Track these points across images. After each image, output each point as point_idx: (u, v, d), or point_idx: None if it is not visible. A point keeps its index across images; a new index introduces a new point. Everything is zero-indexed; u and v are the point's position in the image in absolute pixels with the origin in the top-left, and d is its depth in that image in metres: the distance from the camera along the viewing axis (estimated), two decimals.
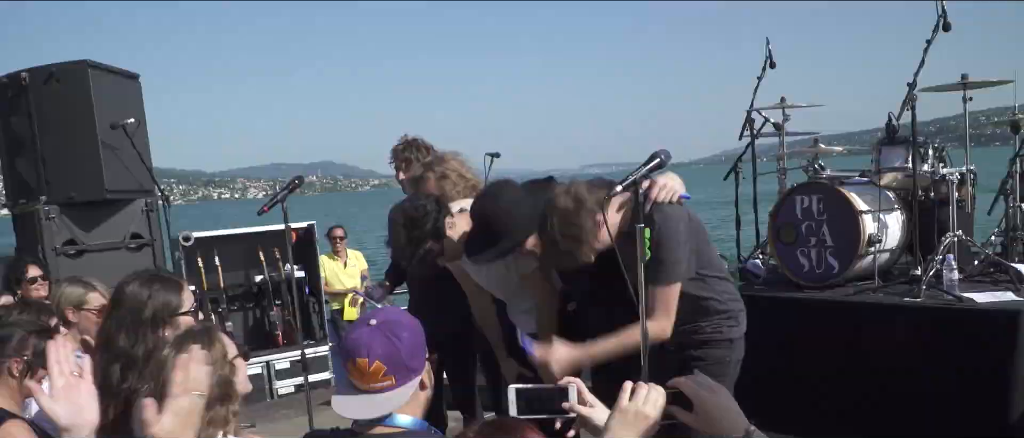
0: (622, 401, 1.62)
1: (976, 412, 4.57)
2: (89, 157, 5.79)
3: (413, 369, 1.98)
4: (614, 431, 1.61)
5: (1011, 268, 5.14)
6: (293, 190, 4.31)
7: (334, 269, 9.22)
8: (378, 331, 1.95)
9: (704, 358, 3.21)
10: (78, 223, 5.99)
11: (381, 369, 1.93)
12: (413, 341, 1.99)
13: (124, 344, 2.49)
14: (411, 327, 2.01)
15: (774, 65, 6.44)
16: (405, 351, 1.96)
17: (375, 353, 1.93)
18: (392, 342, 1.94)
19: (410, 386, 1.98)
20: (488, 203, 3.30)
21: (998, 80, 5.56)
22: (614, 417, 1.62)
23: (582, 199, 2.82)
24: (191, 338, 2.22)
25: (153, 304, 2.55)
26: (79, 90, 5.75)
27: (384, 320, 1.98)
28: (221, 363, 2.22)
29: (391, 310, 2.15)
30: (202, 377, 1.64)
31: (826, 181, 5.49)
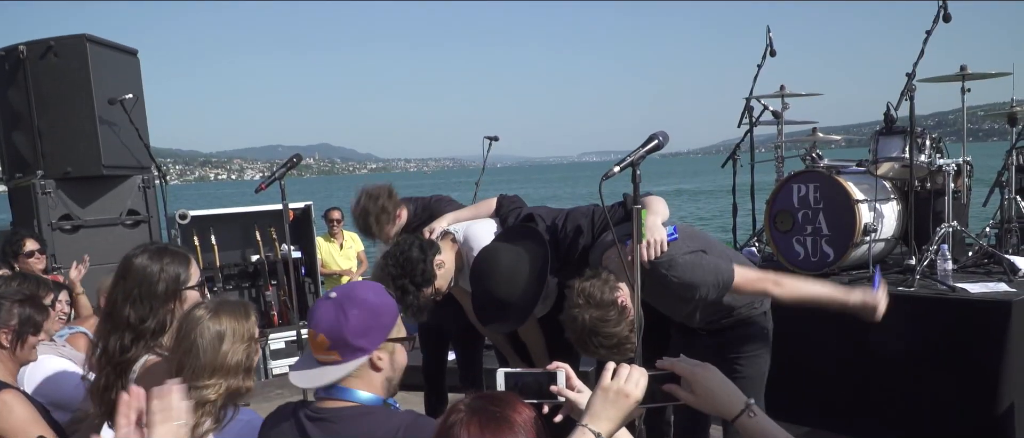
0: (604, 380, 1.63)
1: (968, 401, 4.61)
2: (86, 132, 5.79)
3: (358, 348, 1.93)
4: (595, 409, 1.61)
5: (1005, 259, 5.17)
6: (291, 169, 4.31)
7: (330, 250, 9.22)
8: (332, 305, 1.93)
9: (744, 334, 3.35)
10: (74, 198, 5.99)
11: (325, 342, 1.91)
12: (363, 320, 1.93)
13: (131, 316, 2.51)
14: (367, 305, 1.95)
15: (774, 53, 6.44)
16: (350, 329, 1.91)
17: (321, 325, 1.91)
18: (338, 318, 1.90)
19: (355, 363, 1.94)
20: (486, 283, 3.29)
21: (996, 72, 5.57)
22: (596, 395, 1.63)
23: (600, 302, 2.83)
24: (228, 308, 2.27)
25: (165, 277, 2.57)
26: (77, 64, 5.74)
27: (343, 295, 1.95)
28: (250, 339, 2.27)
29: (363, 287, 2.02)
30: (182, 407, 1.65)
31: (823, 170, 5.51)
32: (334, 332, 1.90)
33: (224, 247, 7.88)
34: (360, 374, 1.95)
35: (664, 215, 3.13)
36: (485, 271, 3.33)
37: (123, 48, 6.29)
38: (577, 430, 1.57)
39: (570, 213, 3.60)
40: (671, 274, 2.99)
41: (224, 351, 2.21)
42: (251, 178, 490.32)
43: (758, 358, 3.42)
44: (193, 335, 2.21)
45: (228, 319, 2.25)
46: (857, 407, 5.07)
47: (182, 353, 2.21)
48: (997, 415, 4.51)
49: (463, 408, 1.59)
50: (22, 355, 2.73)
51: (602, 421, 1.59)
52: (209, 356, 2.19)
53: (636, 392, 1.61)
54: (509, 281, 3.26)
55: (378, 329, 1.96)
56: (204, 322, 2.22)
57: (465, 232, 3.64)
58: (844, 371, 5.10)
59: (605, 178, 2.48)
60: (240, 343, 2.25)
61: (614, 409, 1.60)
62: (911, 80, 4.98)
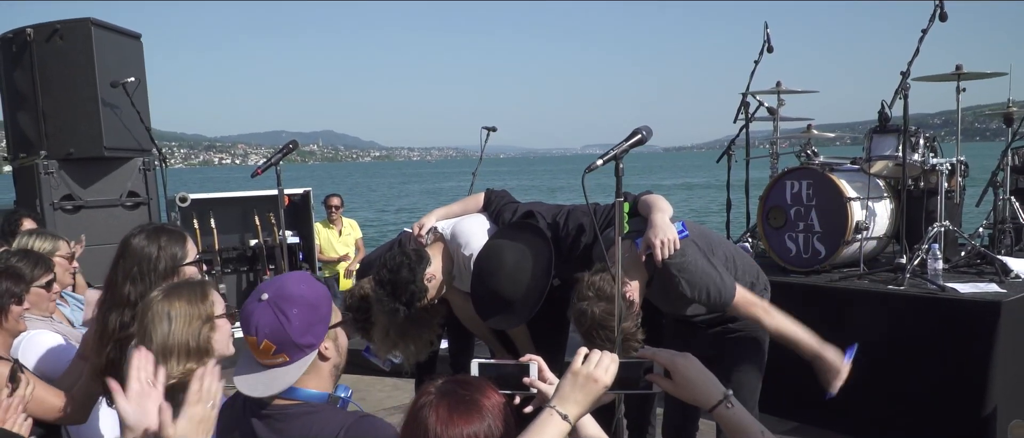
0: (575, 364, 1.66)
1: (954, 401, 4.64)
2: (89, 114, 5.85)
3: (305, 345, 1.91)
4: (564, 392, 1.64)
5: (997, 260, 5.19)
6: (287, 154, 4.36)
7: (329, 237, 9.28)
8: (268, 307, 1.87)
9: (741, 329, 3.40)
10: (76, 179, 6.06)
11: (271, 347, 1.87)
12: (305, 318, 1.90)
13: (131, 293, 2.57)
14: (305, 302, 1.91)
15: (772, 49, 6.46)
16: (294, 329, 1.87)
17: (263, 332, 1.87)
18: (279, 320, 1.86)
19: (305, 361, 1.92)
20: (490, 281, 3.29)
21: (992, 72, 5.59)
22: (565, 379, 1.66)
23: (609, 295, 2.85)
24: (184, 289, 2.27)
25: (164, 256, 2.63)
26: (81, 47, 5.80)
27: (276, 295, 1.89)
28: (203, 320, 2.24)
29: (292, 280, 1.96)
30: (217, 389, 1.71)
31: (816, 167, 5.54)
32: (278, 335, 1.87)
33: (223, 230, 7.93)
34: (310, 369, 1.94)
35: (669, 212, 3.16)
36: (489, 269, 3.32)
37: (127, 32, 6.34)
38: (544, 412, 1.60)
39: (571, 211, 3.61)
40: (681, 276, 3.04)
41: (175, 332, 2.17)
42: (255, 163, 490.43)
43: (756, 353, 3.49)
44: (146, 318, 2.19)
45: (180, 301, 2.21)
46: (844, 404, 5.09)
47: (139, 338, 2.20)
48: (982, 416, 4.55)
49: (433, 391, 1.63)
50: (9, 326, 2.78)
51: (570, 404, 1.62)
52: (160, 339, 2.16)
53: (605, 378, 1.64)
54: (513, 279, 3.27)
55: (319, 321, 1.94)
56: (155, 304, 2.19)
57: (453, 229, 3.62)
58: None
59: (588, 171, 2.51)
60: (194, 323, 2.20)
61: (582, 393, 1.63)
62: (905, 79, 5.01)
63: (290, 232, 8.18)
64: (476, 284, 3.39)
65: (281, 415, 1.93)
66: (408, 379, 5.09)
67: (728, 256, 3.36)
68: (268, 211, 8.01)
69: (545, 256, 3.31)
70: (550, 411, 1.59)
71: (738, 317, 3.41)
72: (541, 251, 3.33)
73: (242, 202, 8.12)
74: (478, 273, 3.36)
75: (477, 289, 3.39)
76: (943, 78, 5.58)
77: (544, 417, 1.58)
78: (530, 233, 3.39)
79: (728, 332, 3.44)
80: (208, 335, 2.23)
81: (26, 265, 3.03)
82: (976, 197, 6.29)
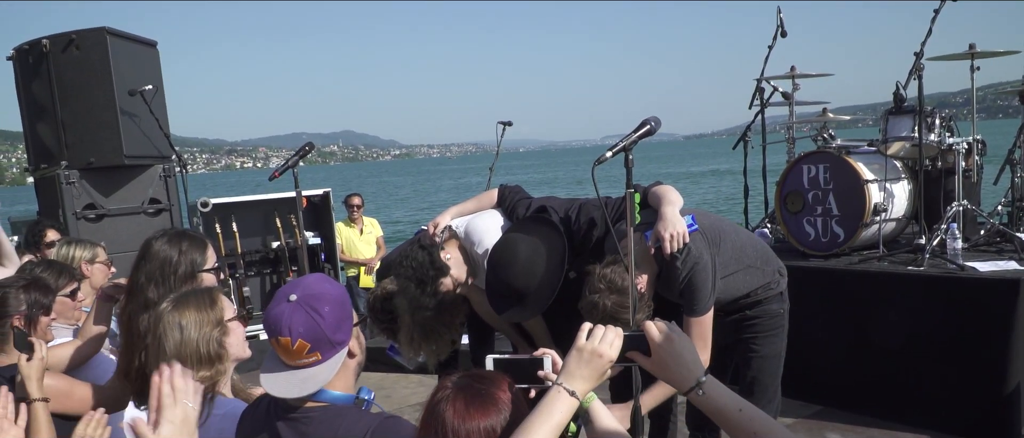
0: (579, 341, 1.66)
1: (975, 379, 4.63)
2: (108, 123, 5.93)
3: (338, 342, 1.92)
4: (570, 369, 1.64)
5: (1016, 237, 5.16)
6: (303, 157, 4.40)
7: (350, 236, 9.34)
8: (299, 307, 1.87)
9: (760, 315, 3.44)
10: (97, 188, 6.14)
11: (305, 346, 1.87)
12: (336, 314, 1.91)
13: (153, 296, 2.62)
14: (334, 299, 1.92)
15: (785, 34, 6.44)
16: (328, 326, 1.88)
17: (297, 331, 1.86)
18: (313, 318, 1.87)
19: (337, 359, 1.92)
20: (504, 274, 3.31)
21: (1005, 50, 5.54)
22: (571, 355, 1.66)
23: (621, 288, 2.90)
24: (191, 298, 2.30)
25: (185, 260, 2.68)
26: (98, 57, 5.87)
27: (305, 294, 1.90)
28: (214, 325, 2.26)
29: (314, 281, 1.97)
30: (190, 387, 1.71)
31: (833, 150, 5.51)
32: (313, 334, 1.87)
33: (245, 234, 8.03)
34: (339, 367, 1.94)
35: (679, 204, 3.17)
36: (503, 262, 3.33)
37: (142, 40, 6.42)
38: (552, 389, 1.60)
39: (583, 205, 3.62)
40: (684, 271, 3.07)
41: (187, 341, 2.20)
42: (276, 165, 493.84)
43: (774, 338, 3.49)
44: (157, 329, 2.21)
45: (190, 310, 2.24)
46: (866, 386, 5.11)
47: (153, 350, 2.22)
48: (1006, 394, 4.54)
49: (450, 386, 1.65)
50: (38, 336, 2.85)
51: (577, 380, 1.62)
52: (174, 349, 2.18)
53: (610, 352, 1.64)
54: (527, 272, 3.27)
55: (347, 318, 1.95)
56: (166, 315, 2.22)
57: (466, 227, 3.65)
58: (853, 351, 5.14)
59: (598, 163, 2.53)
60: (205, 329, 2.23)
61: (588, 369, 1.63)
62: (919, 59, 4.99)
63: (311, 233, 8.26)
64: (490, 277, 3.41)
65: (307, 418, 1.94)
66: (433, 376, 5.13)
67: (737, 245, 3.36)
68: (289, 213, 8.10)
69: (559, 249, 3.33)
70: (558, 388, 1.59)
71: (755, 303, 3.41)
72: (555, 244, 3.35)
73: (263, 205, 8.21)
74: (492, 266, 3.38)
75: (491, 282, 3.41)
76: (957, 57, 5.54)
77: (552, 395, 1.58)
78: (544, 226, 3.41)
79: (746, 319, 3.47)
80: (221, 340, 2.26)
81: (51, 275, 3.10)
82: (992, 176, 6.24)
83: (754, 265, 3.36)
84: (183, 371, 1.72)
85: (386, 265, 4.21)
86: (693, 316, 3.11)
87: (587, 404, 1.95)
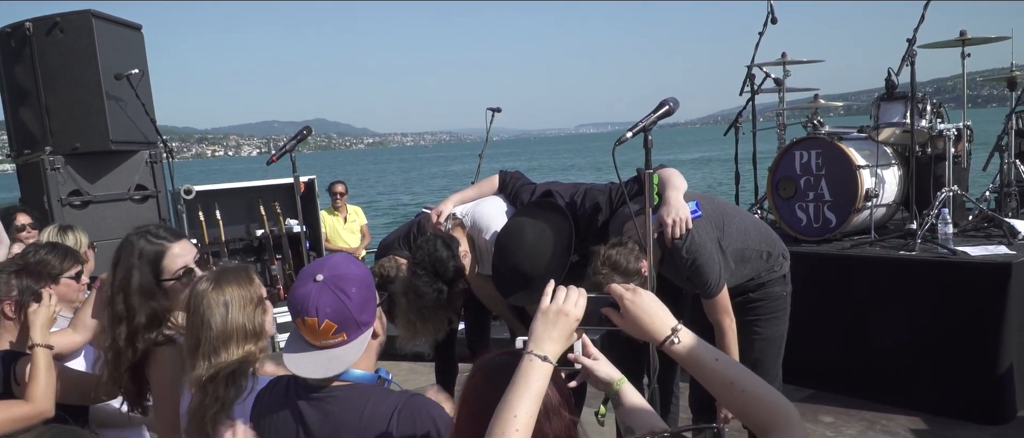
0: (543, 303, 1.63)
1: (968, 362, 4.69)
2: (93, 108, 5.80)
3: (363, 323, 1.90)
4: (537, 333, 1.60)
5: (1005, 223, 5.24)
6: (301, 141, 4.36)
7: (334, 224, 9.27)
8: (326, 287, 1.86)
9: (764, 298, 3.48)
10: (83, 174, 6.02)
11: (331, 327, 1.86)
12: (362, 295, 1.89)
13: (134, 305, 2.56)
14: (360, 279, 1.91)
15: (776, 20, 6.46)
16: (354, 306, 1.87)
17: (324, 311, 1.84)
18: (340, 299, 1.85)
19: (362, 340, 1.91)
20: (512, 258, 3.33)
21: (996, 37, 5.61)
22: (536, 319, 1.62)
23: (625, 270, 2.90)
24: (231, 275, 2.28)
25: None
26: (83, 40, 5.75)
27: (332, 275, 1.88)
28: (258, 302, 2.27)
29: (339, 260, 1.95)
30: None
31: (825, 136, 5.55)
32: (341, 315, 1.85)
33: (229, 222, 7.94)
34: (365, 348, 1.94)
35: (683, 188, 3.19)
36: (511, 246, 3.35)
37: (127, 23, 6.30)
38: (523, 359, 1.55)
39: (588, 190, 3.64)
40: (689, 256, 3.08)
41: (233, 319, 2.20)
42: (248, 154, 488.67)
43: (776, 320, 3.53)
44: (201, 309, 2.20)
45: (232, 287, 2.24)
46: (859, 370, 5.16)
47: (195, 329, 2.21)
48: (998, 375, 4.60)
49: (487, 366, 1.66)
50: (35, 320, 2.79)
51: (546, 343, 1.58)
52: (220, 327, 2.19)
53: (575, 311, 1.62)
54: (534, 256, 3.29)
55: (372, 299, 1.94)
56: (209, 295, 2.21)
57: (472, 215, 3.67)
58: (846, 335, 5.19)
59: (618, 144, 2.52)
60: (248, 308, 2.24)
61: (556, 330, 1.60)
62: (912, 45, 5.02)
63: (295, 221, 8.19)
64: (497, 261, 3.41)
65: (330, 397, 1.92)
66: (427, 363, 5.13)
67: (742, 228, 3.38)
68: (273, 200, 8.02)
69: (566, 233, 3.33)
70: (529, 357, 1.54)
71: (758, 286, 3.44)
72: (561, 228, 3.35)
73: (247, 193, 8.12)
74: (500, 250, 3.38)
75: (498, 266, 3.41)
76: (948, 44, 5.60)
77: (524, 366, 1.54)
78: (551, 211, 3.41)
79: (749, 302, 3.49)
80: (262, 318, 2.26)
81: (55, 257, 3.04)
82: (979, 162, 6.32)
83: (759, 248, 3.38)
84: (246, 431, 1.72)
85: (385, 246, 4.19)
86: (707, 298, 3.15)
87: (618, 387, 1.94)
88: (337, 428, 1.90)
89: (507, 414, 1.47)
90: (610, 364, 1.94)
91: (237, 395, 2.19)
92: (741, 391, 1.55)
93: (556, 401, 1.62)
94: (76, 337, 2.91)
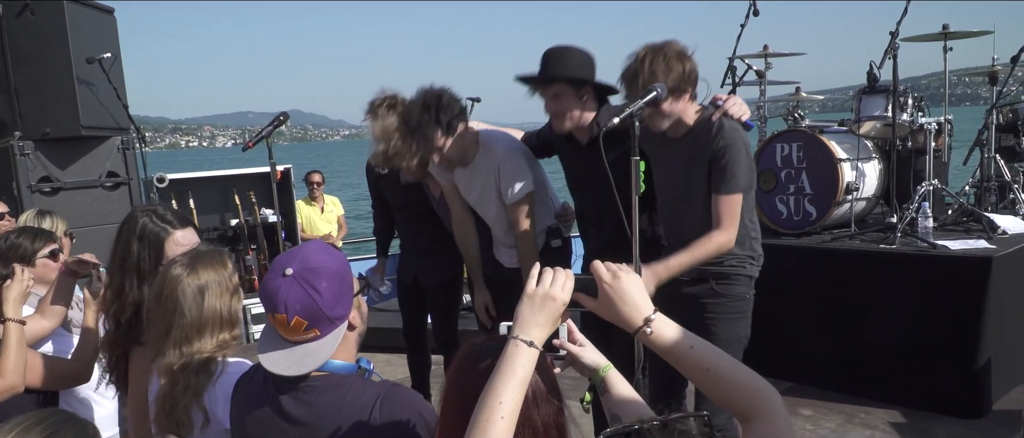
0: (529, 287, 1.58)
1: (948, 355, 4.71)
2: (65, 92, 5.66)
3: (336, 318, 1.85)
4: (523, 318, 1.55)
5: (984, 217, 5.26)
6: (278, 127, 4.28)
7: (310, 215, 9.18)
8: (295, 282, 1.79)
9: (725, 294, 3.28)
10: (53, 160, 5.88)
11: (302, 323, 1.80)
12: (334, 289, 1.83)
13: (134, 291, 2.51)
14: (331, 272, 1.83)
15: (757, 13, 6.43)
16: (325, 302, 1.80)
17: (293, 308, 1.78)
18: (310, 294, 1.79)
19: (337, 334, 1.86)
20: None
21: (978, 31, 5.62)
22: (522, 303, 1.57)
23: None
24: (206, 259, 2.21)
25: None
26: (55, 23, 5.60)
27: (302, 269, 1.81)
28: (233, 288, 2.21)
29: (312, 251, 1.87)
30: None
31: (806, 129, 5.54)
32: (310, 311, 1.79)
33: (203, 211, 7.82)
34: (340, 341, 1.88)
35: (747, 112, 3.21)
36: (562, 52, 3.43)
37: (100, 6, 6.16)
38: (509, 344, 1.51)
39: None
40: (727, 141, 3.02)
41: (210, 306, 2.15)
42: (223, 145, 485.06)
43: (734, 322, 3.33)
44: (176, 294, 2.13)
45: (207, 271, 2.17)
46: (838, 363, 5.17)
47: (167, 314, 2.14)
48: (976, 369, 4.62)
49: (472, 352, 1.63)
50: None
51: (532, 328, 1.54)
52: (195, 313, 2.13)
53: (563, 295, 1.57)
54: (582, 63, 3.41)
55: (347, 291, 1.87)
56: (184, 279, 2.14)
57: (486, 132, 3.85)
58: (825, 328, 5.19)
59: (602, 130, 2.48)
60: (225, 295, 2.19)
61: (542, 315, 1.55)
62: (894, 39, 5.02)
63: (270, 211, 8.09)
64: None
65: (310, 388, 1.87)
66: (400, 354, 5.09)
67: (752, 205, 3.34)
68: (248, 190, 7.92)
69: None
70: (515, 342, 1.50)
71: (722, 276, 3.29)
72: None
73: (221, 181, 8.01)
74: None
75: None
76: (931, 37, 5.61)
77: (510, 350, 1.49)
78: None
79: (709, 296, 3.32)
80: (238, 305, 2.21)
81: (26, 239, 2.97)
82: (958, 157, 6.35)
83: (748, 235, 3.28)
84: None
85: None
86: (721, 194, 3.05)
87: (603, 373, 1.90)
88: (319, 419, 1.85)
89: (492, 400, 1.42)
90: (596, 350, 1.90)
91: (207, 382, 2.14)
92: (718, 378, 1.52)
93: (543, 388, 1.58)
94: (44, 323, 2.83)
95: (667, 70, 2.90)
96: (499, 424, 1.40)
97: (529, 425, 1.50)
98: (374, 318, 6.77)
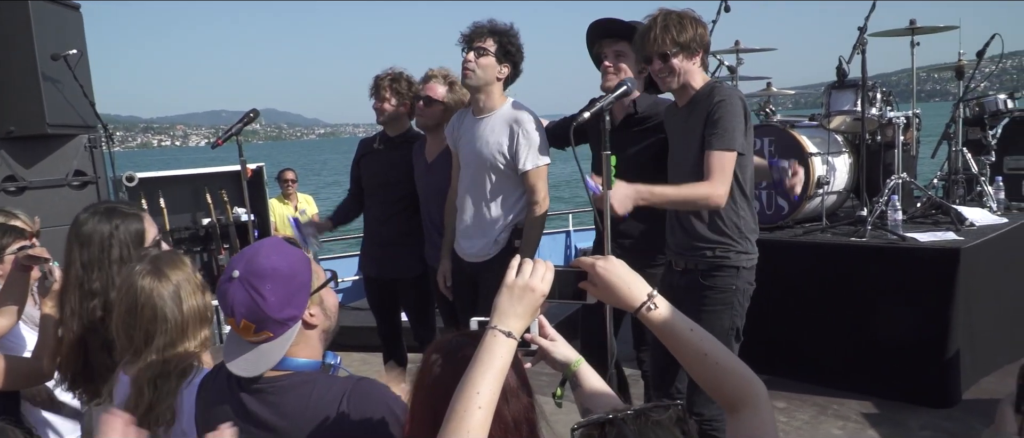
0: (508, 277, 1.57)
1: (920, 346, 4.76)
2: (29, 89, 5.55)
3: (287, 319, 1.80)
4: (502, 308, 1.55)
5: (952, 209, 5.32)
6: (248, 123, 4.24)
7: (284, 214, 9.09)
8: (240, 286, 1.76)
9: (709, 286, 3.23)
10: (18, 158, 5.77)
11: (251, 327, 1.78)
12: (280, 292, 1.78)
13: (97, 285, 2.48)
14: (279, 275, 1.78)
15: (728, 9, 6.46)
16: (271, 306, 1.76)
17: (239, 312, 1.76)
18: (254, 299, 1.75)
19: (289, 334, 1.82)
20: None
21: (945, 26, 5.69)
22: (502, 294, 1.56)
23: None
24: (168, 260, 2.19)
25: (119, 239, 2.52)
26: (18, 18, 5.49)
27: (247, 271, 1.77)
28: (201, 288, 2.20)
29: (261, 251, 1.81)
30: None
31: (777, 124, 5.58)
32: (255, 315, 1.76)
33: (174, 210, 7.71)
34: (298, 338, 1.85)
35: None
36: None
37: (65, 2, 6.07)
38: (487, 334, 1.50)
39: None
40: (722, 96, 3.07)
41: (189, 306, 2.15)
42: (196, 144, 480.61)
43: (719, 315, 3.26)
44: (152, 302, 2.11)
45: (175, 272, 2.16)
46: (811, 355, 5.20)
47: (146, 322, 2.12)
48: (946, 359, 4.67)
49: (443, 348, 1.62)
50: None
51: (510, 319, 1.53)
52: (177, 316, 2.12)
53: (542, 286, 1.56)
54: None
55: (298, 291, 1.82)
56: (156, 286, 2.12)
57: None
58: (798, 321, 5.22)
59: (575, 125, 2.48)
60: (197, 291, 2.18)
61: (521, 305, 1.54)
62: (863, 33, 5.06)
63: (243, 210, 8.01)
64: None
65: (273, 388, 1.84)
66: (375, 353, 5.08)
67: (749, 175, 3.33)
68: (220, 188, 7.83)
69: None
70: (493, 332, 1.49)
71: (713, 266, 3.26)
72: None
73: (192, 180, 7.91)
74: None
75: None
76: (898, 33, 5.67)
77: (488, 341, 1.48)
78: None
79: (698, 287, 3.28)
80: (209, 299, 2.21)
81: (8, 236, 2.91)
82: (927, 150, 6.43)
83: (737, 224, 3.24)
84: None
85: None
86: (713, 149, 3.03)
87: (575, 367, 1.89)
88: (284, 418, 1.82)
89: (470, 391, 1.41)
90: (567, 344, 1.89)
91: (183, 380, 2.13)
92: (714, 363, 1.54)
93: (514, 383, 1.57)
94: (1, 321, 2.78)
95: (680, 29, 3.01)
96: (476, 414, 1.39)
97: (500, 420, 1.49)
98: (349, 316, 6.74)
